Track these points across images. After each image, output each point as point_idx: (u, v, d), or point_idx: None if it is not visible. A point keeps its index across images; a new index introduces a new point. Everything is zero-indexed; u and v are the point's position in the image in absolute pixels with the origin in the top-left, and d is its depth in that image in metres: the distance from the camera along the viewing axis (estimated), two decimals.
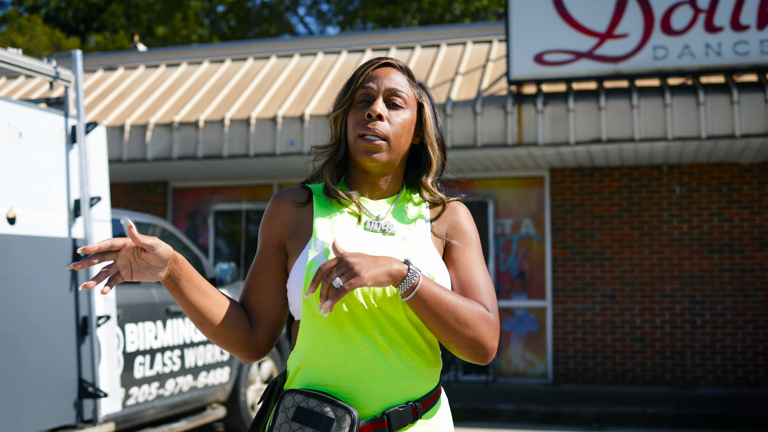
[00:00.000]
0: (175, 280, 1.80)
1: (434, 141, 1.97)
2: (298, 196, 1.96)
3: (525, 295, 10.29)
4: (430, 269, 1.84)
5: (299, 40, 12.53)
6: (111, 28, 27.54)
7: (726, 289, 9.75)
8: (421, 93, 1.97)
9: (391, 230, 1.90)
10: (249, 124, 9.42)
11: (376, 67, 1.94)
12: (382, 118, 1.88)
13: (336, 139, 1.97)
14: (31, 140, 4.83)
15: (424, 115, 1.96)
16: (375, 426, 1.78)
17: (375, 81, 1.92)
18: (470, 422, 8.34)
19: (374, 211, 1.93)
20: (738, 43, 8.52)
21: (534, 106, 8.79)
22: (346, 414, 1.73)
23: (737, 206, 9.81)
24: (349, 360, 1.78)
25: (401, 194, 1.99)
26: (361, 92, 1.92)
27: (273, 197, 1.99)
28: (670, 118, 8.46)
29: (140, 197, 11.51)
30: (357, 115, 1.91)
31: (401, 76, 1.94)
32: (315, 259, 1.81)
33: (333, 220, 1.89)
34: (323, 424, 1.72)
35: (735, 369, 9.67)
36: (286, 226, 1.94)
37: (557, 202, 10.23)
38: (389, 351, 1.79)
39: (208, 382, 6.87)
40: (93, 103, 10.68)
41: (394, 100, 1.91)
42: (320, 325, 1.80)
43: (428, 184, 1.97)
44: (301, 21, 28.39)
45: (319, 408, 1.74)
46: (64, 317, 4.87)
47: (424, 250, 1.88)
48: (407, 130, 1.92)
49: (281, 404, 1.78)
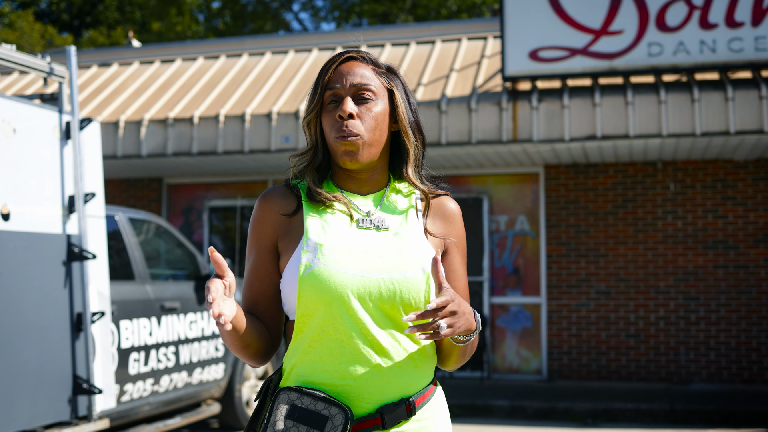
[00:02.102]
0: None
1: (408, 127, 1.94)
2: (286, 197, 1.94)
3: (519, 291, 10.30)
4: (424, 265, 1.83)
5: (294, 36, 12.52)
6: (105, 24, 27.46)
7: (720, 285, 9.77)
8: (390, 79, 1.95)
9: (384, 225, 1.89)
10: (244, 121, 9.41)
11: (339, 63, 1.91)
12: (353, 117, 1.86)
13: (312, 144, 1.95)
14: (25, 136, 4.82)
15: (396, 101, 1.93)
16: (369, 423, 1.78)
17: (340, 79, 1.89)
18: (465, 418, 8.35)
19: (364, 207, 1.92)
20: (732, 40, 8.53)
21: (529, 102, 8.79)
22: (340, 412, 1.73)
23: (732, 203, 9.83)
24: (343, 358, 1.79)
25: (389, 186, 1.97)
26: (328, 93, 1.90)
27: (260, 198, 1.95)
28: (665, 114, 8.47)
29: (135, 193, 11.49)
30: (330, 118, 1.89)
31: (365, 67, 1.92)
32: (309, 261, 1.80)
33: (324, 219, 1.88)
34: (317, 422, 1.73)
35: (729, 365, 9.70)
36: (278, 228, 1.92)
37: (552, 198, 10.24)
38: (383, 349, 1.80)
39: (202, 379, 6.87)
40: (87, 99, 10.65)
41: (362, 95, 1.89)
42: (314, 324, 1.80)
43: (410, 175, 1.95)
44: (295, 17, 28.35)
45: (313, 406, 1.75)
46: (58, 313, 4.86)
47: (417, 245, 1.87)
48: (381, 121, 1.90)
49: (276, 402, 1.78)
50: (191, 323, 6.71)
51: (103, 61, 12.06)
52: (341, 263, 1.80)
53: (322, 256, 1.80)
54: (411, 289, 1.80)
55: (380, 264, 1.81)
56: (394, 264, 1.82)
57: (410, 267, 1.82)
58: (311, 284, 1.78)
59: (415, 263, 1.83)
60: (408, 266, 1.82)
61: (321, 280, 1.78)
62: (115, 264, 6.08)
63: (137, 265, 6.36)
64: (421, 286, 1.81)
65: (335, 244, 1.82)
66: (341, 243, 1.83)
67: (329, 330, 1.79)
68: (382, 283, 1.79)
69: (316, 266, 1.79)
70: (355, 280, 1.79)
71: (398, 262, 1.82)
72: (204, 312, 6.88)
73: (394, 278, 1.80)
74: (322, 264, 1.79)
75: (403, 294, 1.80)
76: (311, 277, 1.79)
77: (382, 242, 1.86)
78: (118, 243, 6.26)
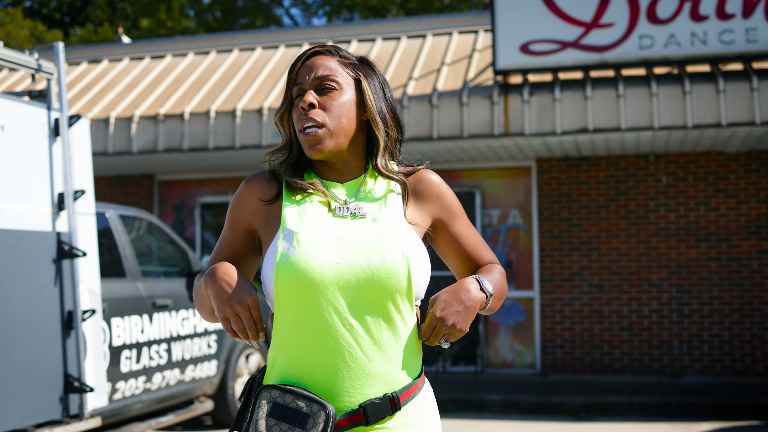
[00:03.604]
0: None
1: (376, 115, 1.93)
2: (269, 183, 1.96)
3: (513, 285, 10.29)
4: (404, 247, 1.81)
5: (285, 31, 12.47)
6: (96, 21, 27.34)
7: (713, 278, 9.78)
8: (357, 69, 1.95)
9: (361, 212, 1.88)
10: (234, 116, 9.37)
11: (305, 60, 1.94)
12: (315, 106, 1.88)
13: (287, 140, 1.98)
14: (14, 133, 4.78)
15: (363, 89, 1.94)
16: (352, 419, 1.76)
17: (305, 75, 1.92)
18: (458, 413, 8.34)
19: (341, 196, 1.92)
20: (724, 32, 8.52)
21: (520, 96, 8.77)
22: (321, 409, 1.72)
23: (724, 195, 9.84)
24: (323, 352, 1.77)
25: (367, 173, 1.96)
26: (295, 90, 1.93)
27: (245, 181, 1.98)
28: (656, 107, 8.46)
29: (126, 190, 11.44)
30: (295, 112, 1.91)
31: (330, 59, 1.93)
32: (284, 250, 1.79)
33: (302, 208, 1.88)
34: (298, 419, 1.72)
35: (722, 357, 9.71)
36: (256, 213, 1.95)
37: (544, 192, 10.24)
38: (367, 342, 1.77)
39: (195, 376, 6.84)
40: (77, 95, 10.60)
41: (326, 85, 1.90)
42: (291, 315, 1.79)
43: (378, 165, 1.94)
44: (287, 13, 28.27)
45: (294, 404, 1.73)
46: (48, 312, 4.83)
47: (396, 227, 1.86)
48: (347, 110, 1.90)
49: (258, 400, 1.77)
50: (183, 320, 6.68)
51: (92, 57, 12.00)
52: (317, 251, 1.79)
53: (298, 244, 1.79)
54: (390, 275, 1.78)
55: (357, 250, 1.80)
56: (372, 249, 1.80)
57: (388, 251, 1.80)
58: (287, 273, 1.77)
59: (394, 247, 1.81)
60: (386, 251, 1.80)
61: (296, 268, 1.77)
62: (106, 261, 6.04)
63: (128, 263, 6.32)
64: (401, 270, 1.79)
65: (311, 232, 1.82)
66: (317, 230, 1.82)
67: (306, 321, 1.78)
68: (360, 270, 1.78)
69: (292, 254, 1.78)
70: (331, 267, 1.77)
71: (376, 248, 1.80)
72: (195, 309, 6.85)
73: (372, 263, 1.78)
74: (298, 252, 1.78)
75: (381, 279, 1.78)
76: (287, 266, 1.77)
77: (359, 229, 1.85)
78: (109, 240, 6.23)
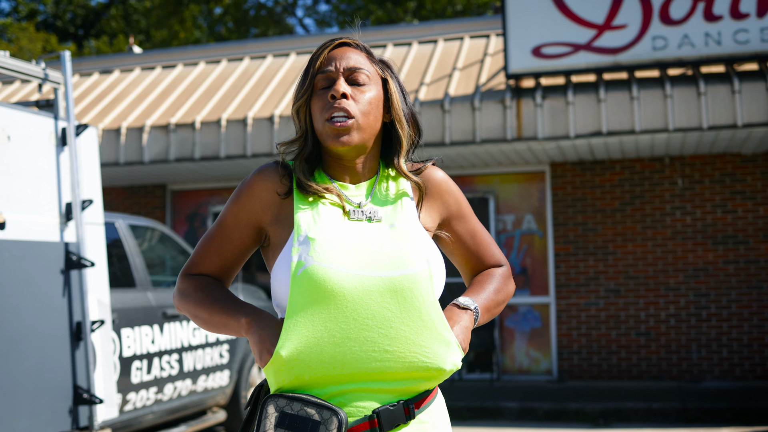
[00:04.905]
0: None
1: (402, 117, 1.87)
2: (281, 179, 1.86)
3: (528, 291, 10.19)
4: (425, 257, 1.75)
5: (296, 38, 12.45)
6: (110, 33, 27.47)
7: (731, 281, 9.65)
8: (383, 68, 1.89)
9: (377, 216, 1.81)
10: (246, 125, 9.34)
11: (332, 48, 1.85)
12: (347, 97, 1.79)
13: (302, 132, 1.87)
14: (21, 143, 4.75)
15: (390, 90, 1.87)
16: (364, 426, 1.68)
17: (333, 63, 1.83)
18: (474, 421, 8.25)
19: (355, 198, 1.84)
20: (738, 32, 8.42)
21: (533, 99, 8.70)
22: (333, 415, 1.63)
23: (741, 197, 9.71)
24: (336, 361, 1.69)
25: (380, 174, 1.90)
26: (320, 77, 1.83)
27: (257, 173, 1.87)
28: (671, 109, 8.36)
29: (138, 200, 11.43)
30: (320, 100, 1.81)
31: (359, 54, 1.86)
32: (301, 259, 1.70)
33: (315, 210, 1.79)
34: (309, 427, 1.63)
35: (742, 362, 9.57)
36: (266, 208, 1.85)
37: (558, 196, 10.14)
38: (380, 350, 1.69)
39: (207, 386, 6.79)
40: (89, 106, 10.60)
41: (356, 78, 1.82)
42: (306, 325, 1.70)
43: (401, 166, 1.88)
44: (300, 23, 28.29)
45: (303, 411, 1.65)
46: (57, 322, 4.79)
47: (414, 235, 1.79)
48: (375, 106, 1.83)
49: (264, 410, 1.68)
50: (194, 330, 6.63)
51: (104, 68, 12.02)
52: (335, 260, 1.70)
53: (315, 253, 1.70)
54: (413, 287, 1.71)
55: (377, 261, 1.72)
56: (393, 260, 1.73)
57: (410, 262, 1.73)
58: (305, 284, 1.69)
59: (416, 257, 1.75)
60: (407, 262, 1.73)
61: (315, 279, 1.68)
62: (115, 271, 6.01)
63: (138, 272, 6.28)
64: (424, 281, 1.73)
65: (328, 239, 1.73)
66: (334, 237, 1.74)
67: (322, 331, 1.69)
68: (381, 282, 1.70)
69: (309, 264, 1.70)
70: (351, 279, 1.69)
71: (396, 258, 1.73)
72: None
73: (393, 276, 1.71)
74: (316, 262, 1.70)
75: (404, 292, 1.71)
76: (305, 277, 1.69)
77: (377, 236, 1.77)
78: (119, 250, 6.19)
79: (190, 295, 1.87)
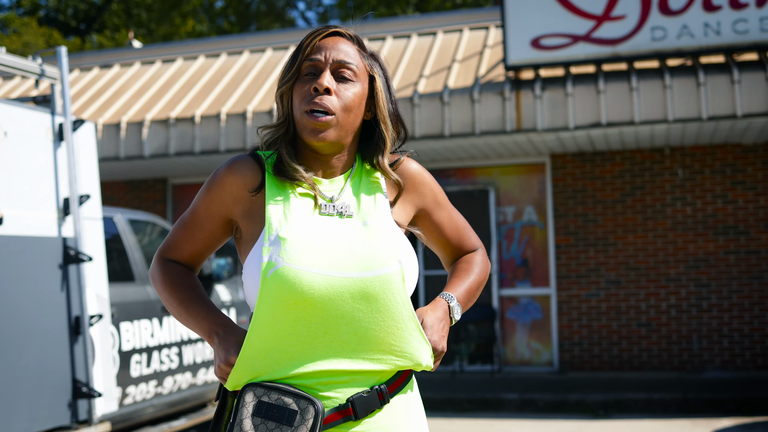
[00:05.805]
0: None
1: (387, 116, 1.84)
2: (253, 171, 1.83)
3: (529, 282, 10.20)
4: (401, 258, 1.74)
5: (295, 31, 12.44)
6: (112, 27, 27.45)
7: (732, 271, 9.64)
8: (372, 64, 1.85)
9: (348, 212, 1.78)
10: (245, 118, 9.35)
11: (323, 36, 1.81)
12: (330, 92, 1.76)
13: (284, 117, 1.83)
14: (18, 139, 4.76)
15: (376, 88, 1.84)
16: (341, 414, 1.69)
17: (322, 52, 1.79)
18: (475, 412, 8.26)
19: (328, 192, 1.81)
20: (737, 22, 8.39)
21: (532, 91, 8.69)
22: (310, 405, 1.65)
23: (741, 187, 9.69)
24: (305, 359, 1.69)
25: (354, 169, 1.87)
26: (307, 64, 1.79)
27: (228, 166, 1.84)
28: (670, 99, 8.34)
29: (139, 195, 11.45)
30: (303, 89, 1.78)
31: (351, 46, 1.82)
32: (272, 260, 1.68)
33: (287, 204, 1.77)
34: (286, 417, 1.64)
35: (743, 352, 9.57)
36: (238, 202, 1.83)
37: (559, 188, 10.13)
38: (351, 350, 1.70)
39: (207, 379, 6.81)
40: (89, 101, 10.61)
41: (342, 73, 1.79)
42: (276, 325, 1.70)
43: (384, 165, 1.86)
44: (302, 16, 28.27)
45: (280, 401, 1.66)
46: (55, 317, 4.81)
47: (389, 236, 1.77)
48: (357, 105, 1.80)
49: (242, 400, 1.68)
50: None
51: (104, 62, 12.02)
52: (306, 261, 1.68)
53: (286, 254, 1.69)
54: (384, 288, 1.70)
55: (349, 260, 1.71)
56: (364, 261, 1.71)
57: (381, 263, 1.71)
58: (275, 286, 1.68)
59: (388, 257, 1.73)
60: (378, 262, 1.71)
61: (285, 281, 1.67)
62: (114, 266, 6.02)
63: (137, 267, 6.30)
64: (396, 282, 1.72)
65: (298, 238, 1.71)
66: (305, 236, 1.72)
67: (291, 333, 1.69)
68: (352, 283, 1.69)
69: (280, 265, 1.68)
70: (322, 280, 1.68)
71: (368, 259, 1.71)
72: None
73: (364, 277, 1.70)
74: (286, 263, 1.68)
75: (376, 294, 1.70)
76: (275, 278, 1.67)
77: (348, 233, 1.75)
78: (118, 244, 6.20)
79: (159, 284, 1.90)
